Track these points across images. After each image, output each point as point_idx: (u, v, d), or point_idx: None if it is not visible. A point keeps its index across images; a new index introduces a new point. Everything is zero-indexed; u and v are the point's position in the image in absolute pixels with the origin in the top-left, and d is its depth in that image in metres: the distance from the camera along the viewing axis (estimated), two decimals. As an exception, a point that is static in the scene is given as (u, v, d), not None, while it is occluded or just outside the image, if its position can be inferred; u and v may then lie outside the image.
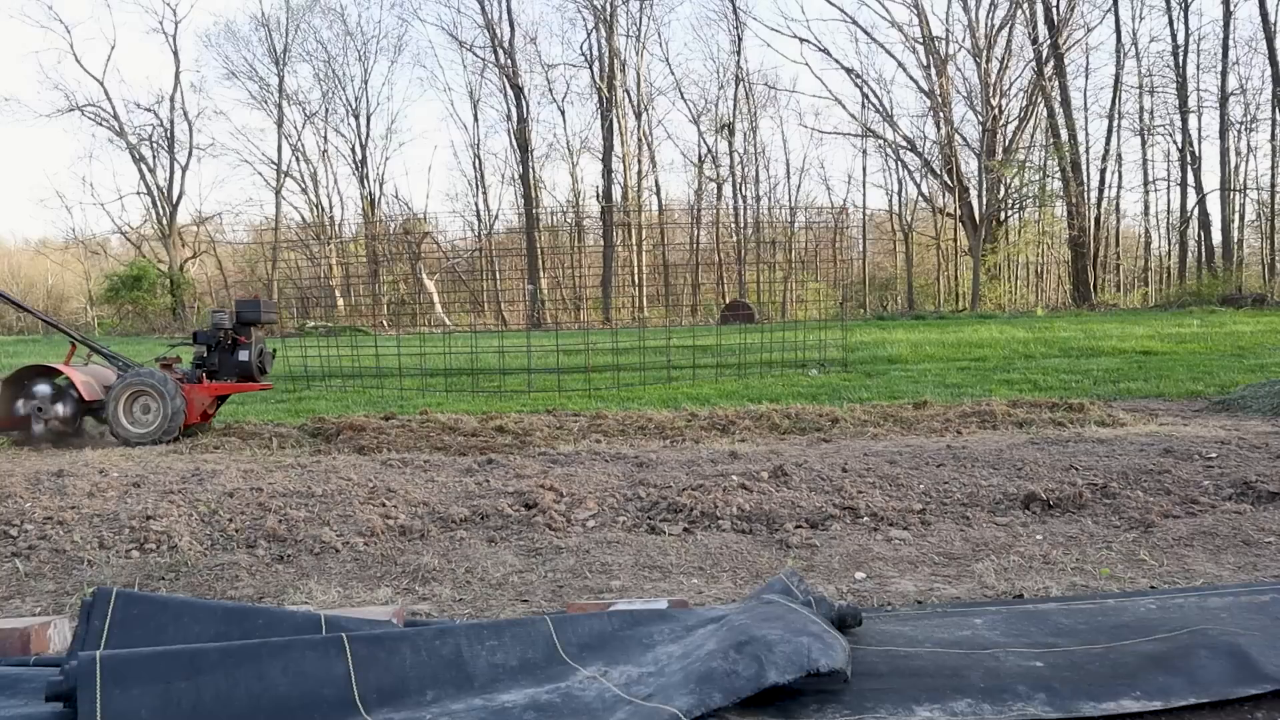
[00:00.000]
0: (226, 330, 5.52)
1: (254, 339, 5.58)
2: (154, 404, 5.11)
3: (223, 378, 5.53)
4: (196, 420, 5.51)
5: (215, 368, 5.53)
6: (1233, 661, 1.47)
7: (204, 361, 5.54)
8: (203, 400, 5.45)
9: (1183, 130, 27.20)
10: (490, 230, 32.57)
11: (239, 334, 5.54)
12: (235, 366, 5.52)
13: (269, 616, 1.64)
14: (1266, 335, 11.04)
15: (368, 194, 34.08)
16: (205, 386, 5.44)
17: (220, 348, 5.53)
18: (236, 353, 5.52)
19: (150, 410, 5.12)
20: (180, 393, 5.17)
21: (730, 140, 33.06)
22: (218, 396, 5.61)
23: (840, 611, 1.69)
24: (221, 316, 5.52)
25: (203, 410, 5.52)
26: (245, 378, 5.54)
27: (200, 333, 5.57)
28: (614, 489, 3.32)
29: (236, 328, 5.54)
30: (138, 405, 5.13)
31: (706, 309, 22.75)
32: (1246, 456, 3.75)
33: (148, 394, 5.13)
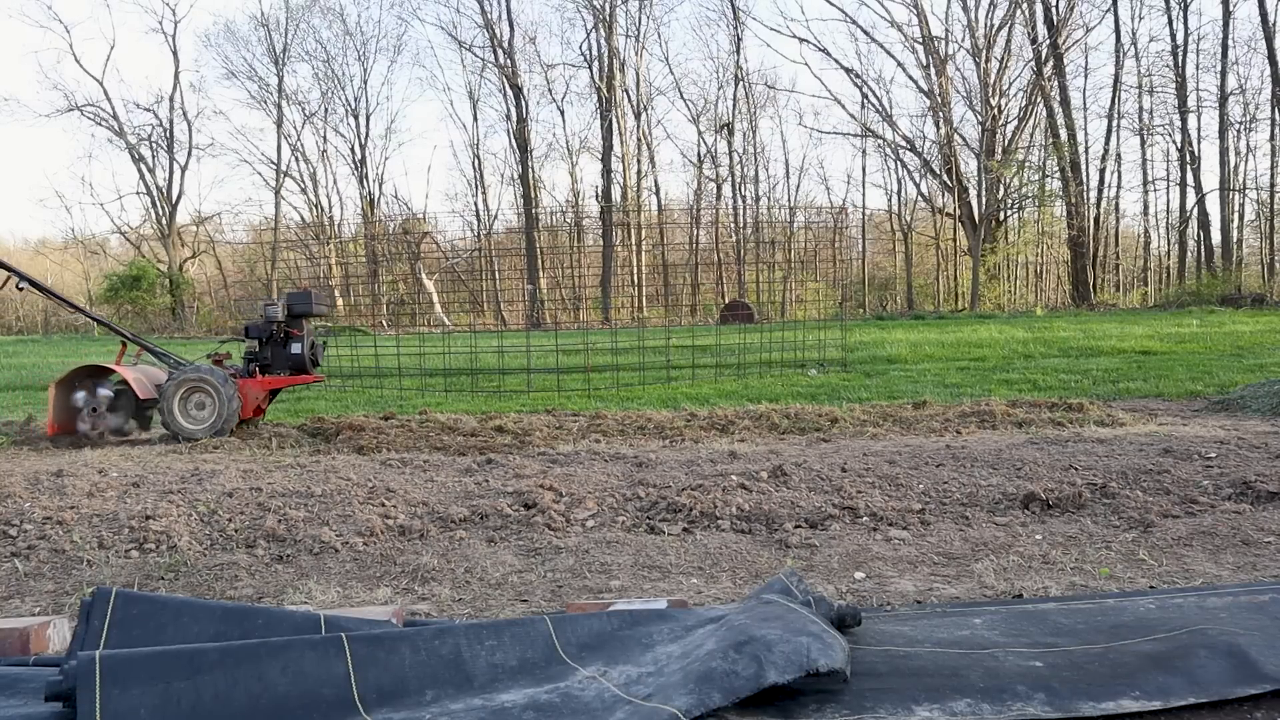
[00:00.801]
0: (279, 323, 5.48)
1: (306, 331, 5.55)
2: (209, 400, 5.11)
3: (275, 371, 5.50)
4: (250, 415, 5.49)
5: (268, 361, 5.51)
6: (1232, 661, 1.47)
7: (256, 355, 5.51)
8: (256, 395, 5.43)
9: (1182, 130, 27.21)
10: (490, 230, 32.57)
11: (291, 326, 5.51)
12: (288, 359, 5.49)
13: (268, 616, 1.64)
14: (1266, 335, 11.04)
15: (367, 194, 34.07)
16: (258, 381, 5.42)
17: (272, 341, 5.50)
18: (289, 345, 5.49)
19: (205, 406, 5.11)
20: (235, 388, 5.16)
21: (730, 140, 33.06)
22: (271, 390, 5.57)
23: (840, 611, 1.69)
24: (274, 309, 5.49)
25: (256, 404, 5.49)
26: (298, 370, 5.51)
27: (252, 326, 5.54)
28: (613, 489, 3.32)
29: (288, 320, 5.51)
30: (192, 401, 5.12)
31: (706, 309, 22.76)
32: (1246, 456, 3.75)
33: (202, 390, 5.12)
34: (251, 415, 5.55)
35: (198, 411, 5.12)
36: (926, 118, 30.85)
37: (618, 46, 30.90)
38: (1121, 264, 32.09)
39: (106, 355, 13.40)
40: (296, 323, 5.53)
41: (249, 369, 5.50)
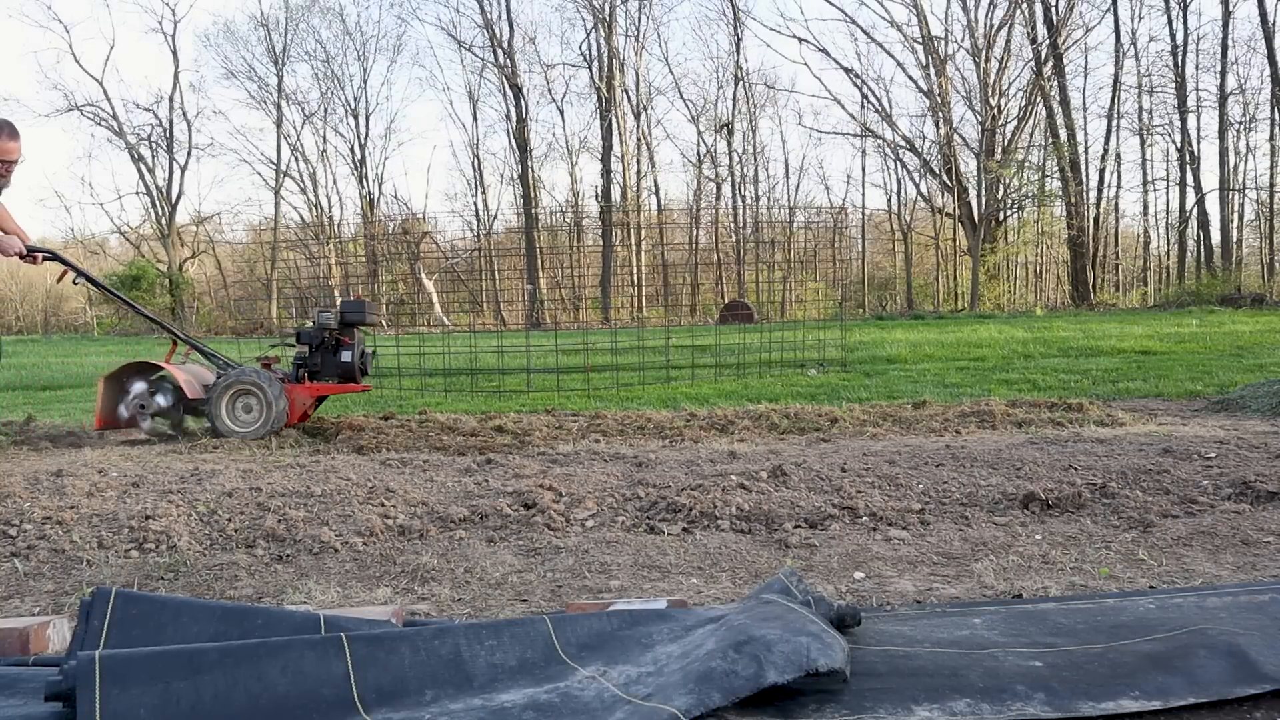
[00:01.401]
0: (331, 330, 5.47)
1: (356, 340, 5.53)
2: (256, 403, 5.11)
3: (324, 378, 5.48)
4: (296, 420, 5.47)
5: (317, 367, 5.48)
6: (1231, 661, 1.47)
7: (306, 361, 5.49)
8: (304, 400, 5.41)
9: (1182, 130, 27.23)
10: (489, 230, 32.59)
11: (343, 334, 5.49)
12: (337, 367, 5.46)
13: (268, 616, 1.64)
14: (1265, 335, 11.04)
15: (367, 194, 34.09)
16: (307, 387, 5.40)
17: (324, 348, 5.48)
18: (339, 353, 5.46)
19: (252, 410, 5.11)
20: (283, 392, 5.15)
21: (729, 140, 33.08)
22: (318, 397, 5.56)
23: (839, 611, 1.69)
24: (327, 315, 5.47)
25: (303, 410, 5.47)
26: (347, 379, 5.49)
27: (304, 332, 5.53)
28: (613, 489, 3.32)
29: (341, 328, 5.48)
30: (240, 404, 5.11)
31: (705, 309, 22.76)
32: (1245, 456, 3.75)
33: (251, 393, 5.12)
34: (297, 421, 5.54)
35: (244, 414, 5.11)
36: (926, 118, 30.88)
37: (617, 46, 30.91)
38: (1121, 264, 32.10)
39: (107, 355, 13.38)
40: (348, 330, 5.50)
41: (298, 374, 5.48)
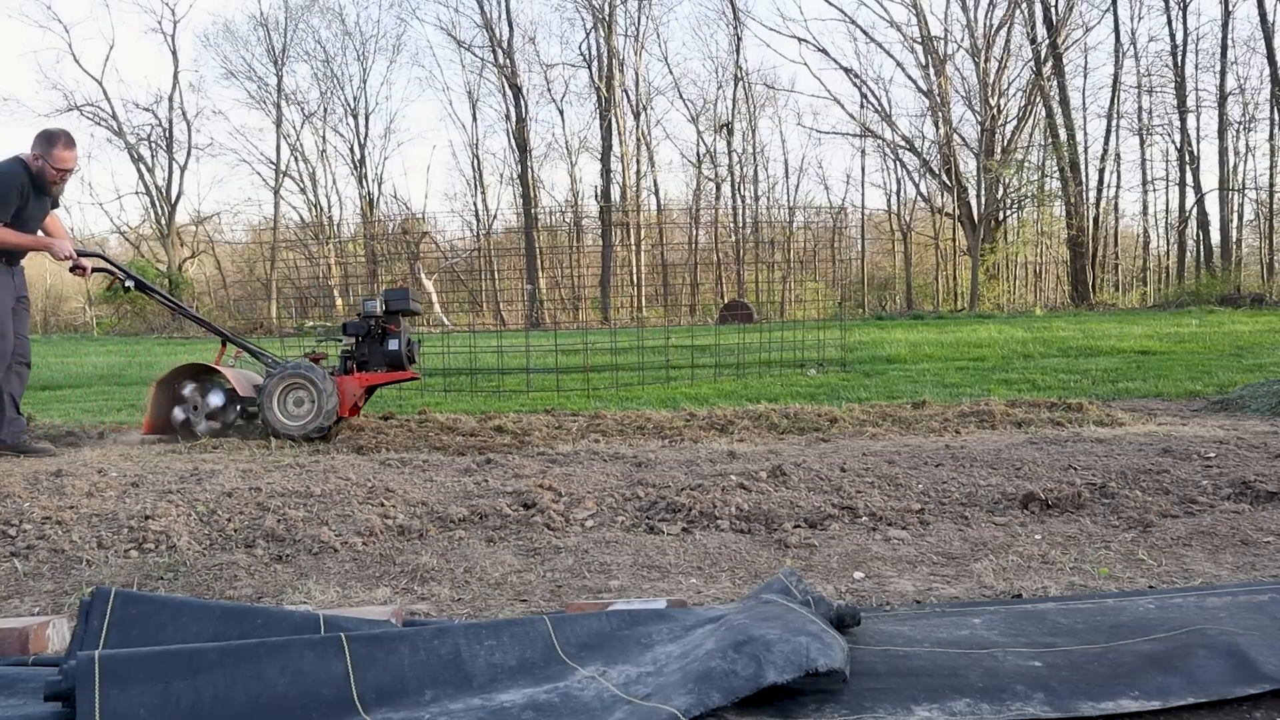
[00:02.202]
0: (377, 319, 5.44)
1: (402, 328, 5.50)
2: (307, 397, 5.10)
3: (372, 368, 5.45)
4: (347, 413, 5.45)
5: (365, 358, 5.46)
6: (1231, 661, 1.47)
7: (353, 353, 5.48)
8: (354, 392, 5.38)
9: (1181, 130, 27.23)
10: (489, 230, 32.59)
11: (388, 323, 5.45)
12: (385, 356, 5.43)
13: (267, 616, 1.64)
14: (1265, 335, 11.04)
15: (366, 194, 34.09)
16: (356, 378, 5.38)
17: (370, 338, 5.46)
18: (386, 342, 5.43)
19: (304, 404, 5.10)
20: (334, 385, 5.13)
21: (729, 140, 33.08)
22: (368, 388, 5.53)
23: (839, 611, 1.69)
24: (372, 304, 5.44)
25: (353, 402, 5.45)
26: (395, 367, 5.45)
27: (349, 323, 5.50)
28: (613, 489, 3.32)
29: (385, 316, 5.45)
30: (291, 398, 5.10)
31: (705, 309, 22.76)
32: (1245, 456, 3.75)
33: (302, 387, 5.10)
34: (349, 414, 5.51)
35: (296, 409, 5.10)
36: (926, 118, 30.89)
37: (617, 46, 30.91)
38: (1121, 264, 32.11)
39: (106, 355, 13.36)
40: (393, 319, 5.47)
41: (346, 366, 5.46)
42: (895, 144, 30.15)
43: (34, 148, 4.76)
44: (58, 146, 4.75)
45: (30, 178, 4.72)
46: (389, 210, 33.94)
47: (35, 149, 4.75)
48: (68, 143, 4.82)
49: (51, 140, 4.75)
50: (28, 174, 4.71)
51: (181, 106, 32.81)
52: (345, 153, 35.58)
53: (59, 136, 4.80)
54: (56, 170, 4.77)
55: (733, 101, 32.95)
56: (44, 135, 4.81)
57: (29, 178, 4.72)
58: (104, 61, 59.08)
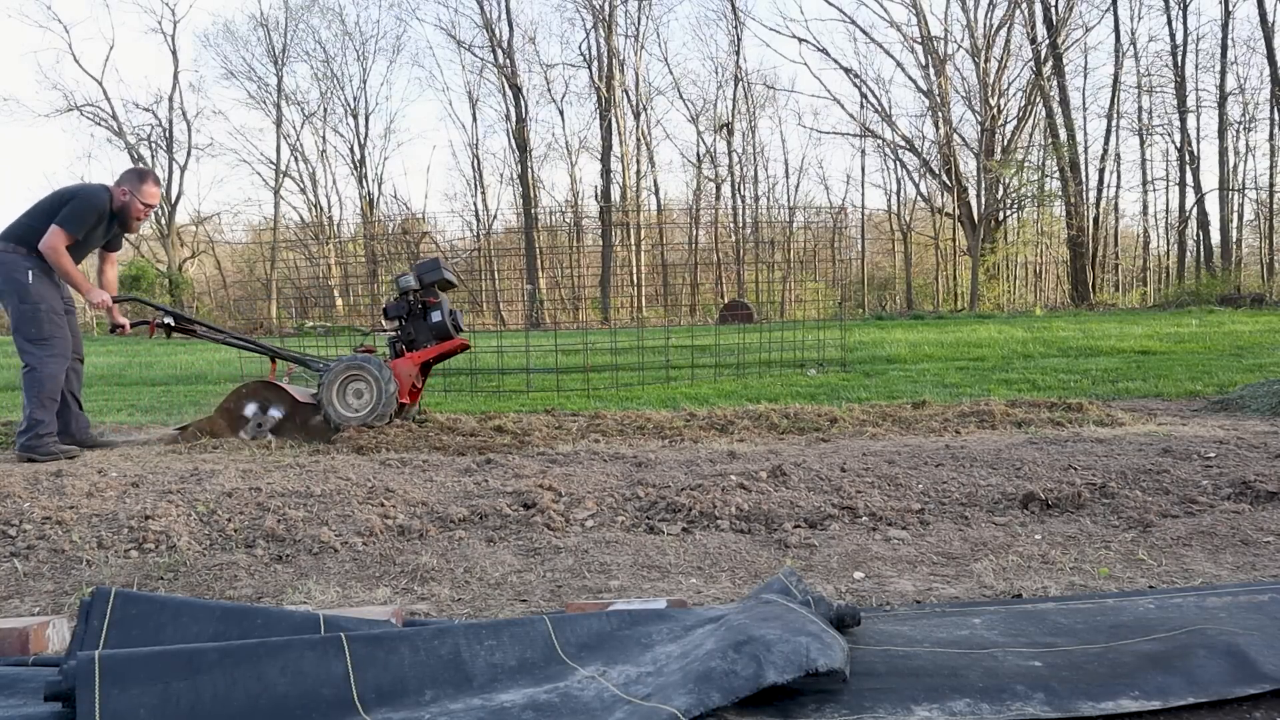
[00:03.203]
0: (415, 293, 5.40)
1: (442, 299, 5.45)
2: (366, 388, 5.10)
3: (421, 344, 5.42)
4: (408, 399, 5.42)
5: (412, 337, 5.43)
6: (1231, 661, 1.47)
7: (400, 334, 5.46)
8: (409, 372, 5.35)
9: (1181, 130, 27.24)
10: (489, 230, 32.59)
11: (426, 296, 5.42)
12: (431, 329, 5.40)
13: (267, 616, 1.64)
14: (1265, 335, 11.05)
15: (366, 194, 34.10)
16: (408, 358, 5.36)
17: (412, 315, 5.43)
18: (429, 315, 5.40)
19: (363, 395, 5.11)
20: (389, 371, 5.13)
21: (729, 140, 33.09)
22: (423, 366, 5.50)
23: (839, 611, 1.69)
24: (407, 279, 5.39)
25: (411, 385, 5.42)
26: (443, 338, 5.41)
27: (390, 307, 5.48)
28: (613, 489, 3.32)
29: (423, 290, 5.42)
30: (350, 390, 5.11)
31: (705, 309, 22.76)
32: (1245, 456, 3.75)
33: (360, 378, 5.11)
34: (410, 401, 5.49)
35: (355, 400, 5.11)
36: (926, 118, 30.89)
37: (617, 46, 30.92)
38: (1121, 264, 32.12)
39: (106, 355, 13.37)
40: (430, 291, 5.43)
41: (396, 349, 5.44)
42: (895, 144, 30.16)
43: (123, 182, 4.92)
44: (148, 183, 4.96)
45: (110, 209, 4.89)
46: (389, 210, 33.96)
47: (125, 184, 4.91)
48: (156, 180, 5.08)
49: (142, 177, 4.96)
50: (109, 204, 4.88)
51: (181, 106, 32.83)
52: (345, 153, 35.59)
53: (149, 174, 5.03)
54: (144, 206, 4.97)
55: (733, 101, 32.96)
56: (135, 172, 5.00)
57: (109, 208, 4.88)
58: (104, 61, 59.13)
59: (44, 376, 4.70)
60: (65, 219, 4.69)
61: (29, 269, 4.71)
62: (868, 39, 37.56)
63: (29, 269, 4.71)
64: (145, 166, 5.13)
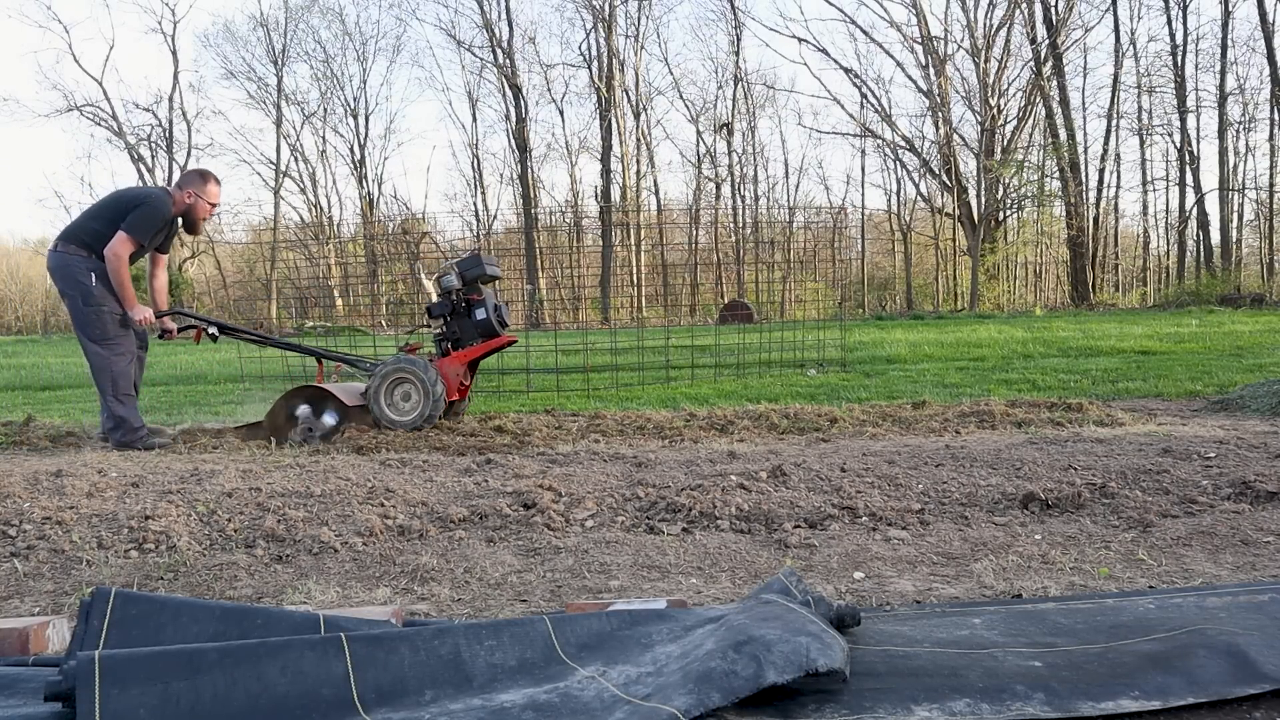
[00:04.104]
0: (458, 291, 5.33)
1: (486, 294, 5.39)
2: (414, 390, 5.07)
3: (466, 343, 5.35)
4: (456, 396, 5.38)
5: (457, 334, 5.37)
6: (1231, 661, 1.47)
7: (445, 333, 5.41)
8: (456, 371, 5.30)
9: (1181, 130, 27.25)
10: (489, 230, 32.60)
11: (470, 293, 5.35)
12: (476, 327, 5.33)
13: (267, 616, 1.64)
14: (1265, 335, 11.05)
15: (366, 194, 34.12)
16: (454, 357, 5.30)
17: (457, 314, 5.37)
18: (473, 312, 5.33)
19: (411, 397, 5.08)
20: (436, 371, 5.09)
21: (729, 140, 33.10)
22: (470, 364, 5.45)
23: (839, 611, 1.69)
24: (449, 278, 5.33)
25: (459, 383, 5.37)
26: (489, 335, 5.34)
27: (433, 305, 5.42)
28: (613, 489, 3.32)
29: (466, 287, 5.35)
30: (398, 393, 5.09)
31: (705, 309, 22.76)
32: (1245, 456, 3.75)
33: (407, 380, 5.08)
34: (458, 397, 5.44)
35: (404, 402, 5.08)
36: (926, 118, 30.90)
37: (617, 46, 30.93)
38: (1121, 264, 32.12)
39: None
40: (474, 288, 5.36)
41: (442, 348, 5.39)
42: (895, 144, 30.16)
43: (187, 185, 4.93)
44: (210, 184, 4.98)
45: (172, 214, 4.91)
46: (389, 210, 33.97)
47: (189, 186, 4.92)
48: (218, 180, 5.09)
49: (205, 178, 4.98)
50: (171, 209, 4.90)
51: (181, 107, 32.85)
52: (345, 153, 35.61)
53: (210, 175, 5.04)
54: (210, 206, 4.99)
55: (733, 101, 32.96)
56: (198, 174, 5.01)
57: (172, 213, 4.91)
58: (104, 62, 59.14)
59: (115, 374, 4.75)
60: (133, 226, 4.69)
61: (91, 271, 4.73)
62: (868, 39, 37.57)
63: (91, 271, 4.73)
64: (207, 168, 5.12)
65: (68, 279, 4.72)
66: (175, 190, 4.91)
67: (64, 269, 4.73)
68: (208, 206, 4.95)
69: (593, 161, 33.79)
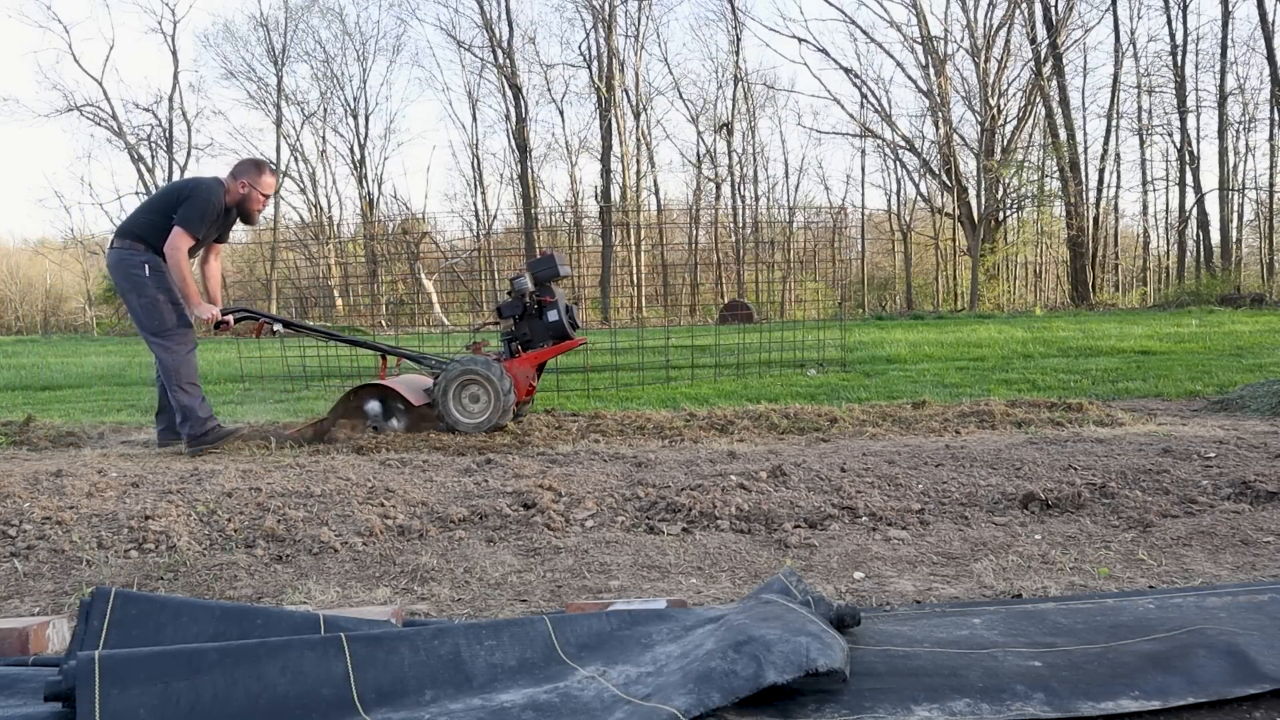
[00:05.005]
0: (531, 294, 5.28)
1: (558, 296, 5.34)
2: (482, 391, 5.03)
3: (537, 344, 5.30)
4: (523, 396, 5.33)
5: (528, 336, 5.32)
6: (1231, 661, 1.47)
7: (515, 333, 5.35)
8: (525, 373, 5.25)
9: (1181, 130, 27.25)
10: (489, 230, 32.61)
11: (542, 294, 5.29)
12: (548, 329, 5.28)
13: (267, 616, 1.64)
14: (1265, 335, 11.04)
15: (366, 194, 34.12)
16: (523, 359, 5.25)
17: (528, 315, 5.31)
18: (545, 314, 5.27)
19: (479, 399, 5.04)
20: (505, 373, 5.04)
21: (729, 140, 33.10)
22: (538, 366, 5.39)
23: (839, 611, 1.69)
24: (522, 281, 5.27)
25: (527, 384, 5.32)
26: (560, 338, 5.29)
27: (504, 305, 5.36)
28: (612, 489, 3.32)
29: (538, 289, 5.30)
30: (466, 394, 5.04)
31: (705, 309, 22.76)
32: (1245, 456, 3.76)
33: (475, 381, 5.03)
34: (525, 397, 5.40)
35: (472, 404, 5.04)
36: (926, 118, 30.89)
37: (617, 46, 30.93)
38: (1121, 264, 32.12)
39: (106, 355, 13.35)
40: (546, 289, 5.30)
41: (511, 349, 5.34)
42: (895, 144, 30.16)
43: (241, 174, 4.86)
44: (265, 173, 4.92)
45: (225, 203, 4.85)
46: (389, 210, 33.98)
47: (243, 176, 4.85)
48: (273, 169, 5.03)
49: (260, 168, 4.91)
50: (224, 199, 4.84)
51: (181, 107, 32.84)
52: (345, 153, 35.61)
53: (265, 164, 4.99)
54: (264, 196, 4.93)
55: (733, 101, 32.96)
56: (251, 163, 4.94)
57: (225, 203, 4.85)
58: (104, 62, 59.14)
59: (178, 364, 4.69)
60: (186, 219, 4.64)
61: (144, 263, 4.69)
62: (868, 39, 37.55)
63: (144, 263, 4.69)
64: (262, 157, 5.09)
65: (123, 274, 4.69)
66: (229, 180, 4.84)
67: (119, 264, 4.70)
68: (261, 197, 4.88)
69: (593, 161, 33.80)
